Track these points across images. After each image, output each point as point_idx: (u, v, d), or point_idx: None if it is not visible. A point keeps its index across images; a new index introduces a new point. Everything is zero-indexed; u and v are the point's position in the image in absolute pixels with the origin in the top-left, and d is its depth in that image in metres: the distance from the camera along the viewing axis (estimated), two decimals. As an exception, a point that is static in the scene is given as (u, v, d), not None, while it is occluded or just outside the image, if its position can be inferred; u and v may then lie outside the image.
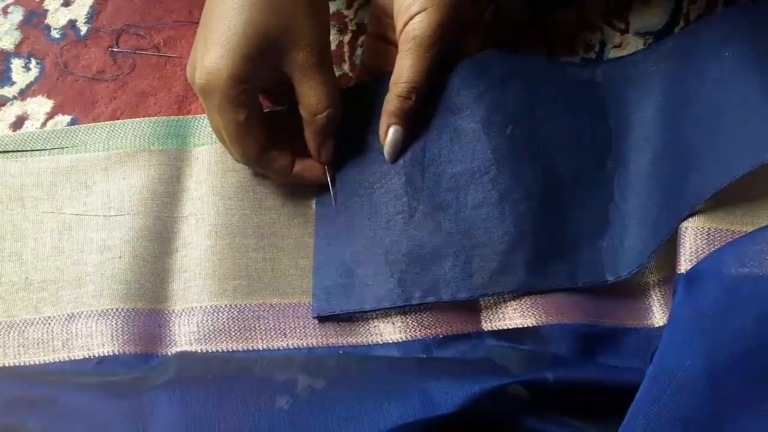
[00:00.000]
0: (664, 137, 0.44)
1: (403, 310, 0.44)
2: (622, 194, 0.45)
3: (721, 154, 0.39)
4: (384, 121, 0.45)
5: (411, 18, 0.43)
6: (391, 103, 0.45)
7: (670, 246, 0.42)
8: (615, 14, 0.55)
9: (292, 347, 0.44)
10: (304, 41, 0.43)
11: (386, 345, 0.44)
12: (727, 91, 0.41)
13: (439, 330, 0.43)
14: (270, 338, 0.44)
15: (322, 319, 0.45)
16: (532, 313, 0.43)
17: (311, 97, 0.44)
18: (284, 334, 0.45)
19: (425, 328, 0.43)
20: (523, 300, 0.43)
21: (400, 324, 0.44)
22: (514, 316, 0.44)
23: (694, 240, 0.39)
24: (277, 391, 0.41)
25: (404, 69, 0.44)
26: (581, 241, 0.45)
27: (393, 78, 0.44)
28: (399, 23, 0.44)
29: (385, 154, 0.46)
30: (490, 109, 0.45)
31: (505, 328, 0.44)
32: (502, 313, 0.44)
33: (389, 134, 0.45)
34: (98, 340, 0.44)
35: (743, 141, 0.39)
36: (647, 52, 0.50)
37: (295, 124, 0.46)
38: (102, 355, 0.43)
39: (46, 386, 0.42)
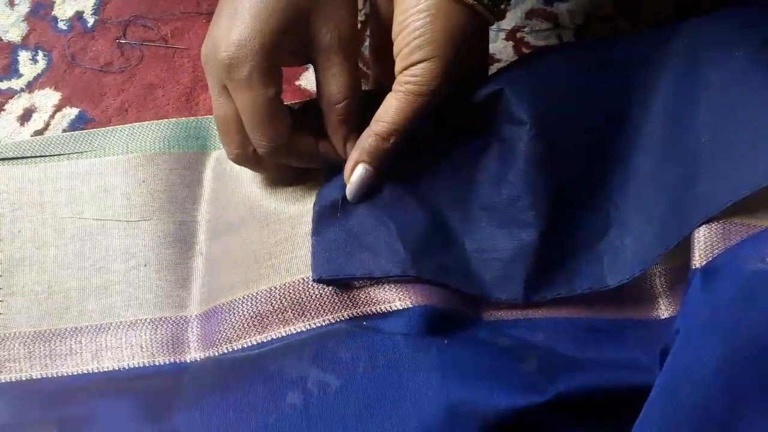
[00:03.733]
0: (668, 138, 0.43)
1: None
2: (622, 193, 0.44)
3: (736, 162, 0.38)
4: (354, 156, 0.42)
5: (409, 65, 0.40)
6: (366, 139, 0.42)
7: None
8: (627, 4, 0.54)
9: (313, 327, 0.42)
10: (332, 22, 0.40)
11: (397, 312, 0.42)
12: (740, 95, 0.40)
13: (445, 303, 0.42)
14: (288, 321, 0.43)
15: (323, 283, 0.42)
16: (534, 307, 0.43)
17: (332, 85, 0.42)
18: (303, 313, 0.43)
19: (432, 297, 0.42)
20: None
21: (411, 289, 0.42)
22: (515, 308, 0.43)
23: (709, 234, 0.38)
24: (288, 388, 0.41)
25: (390, 109, 0.41)
26: (581, 245, 0.43)
27: (377, 114, 0.42)
28: (397, 64, 0.41)
29: (347, 193, 0.43)
30: (504, 120, 0.44)
31: (508, 319, 0.43)
32: (503, 304, 0.43)
33: (356, 172, 0.42)
34: (128, 352, 0.44)
35: (761, 150, 0.38)
36: (651, 39, 0.47)
37: (310, 122, 0.44)
38: (132, 366, 0.43)
39: (72, 404, 0.42)
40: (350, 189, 0.42)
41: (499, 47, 0.54)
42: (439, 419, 0.37)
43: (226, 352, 0.44)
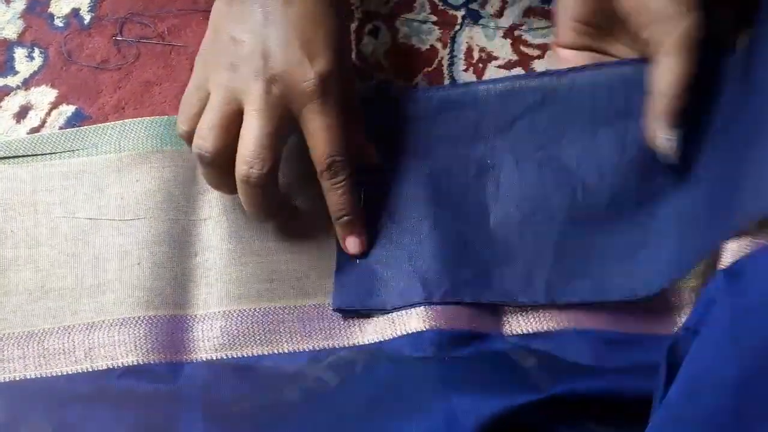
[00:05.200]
0: (718, 155, 0.43)
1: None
2: (668, 211, 0.45)
3: (760, 180, 0.38)
4: (655, 128, 0.44)
5: (674, 25, 0.43)
6: (665, 104, 0.43)
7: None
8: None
9: (318, 348, 0.44)
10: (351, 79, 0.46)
11: (410, 335, 0.43)
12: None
13: (462, 324, 0.43)
14: (295, 341, 0.45)
15: (343, 313, 0.45)
16: (556, 319, 0.44)
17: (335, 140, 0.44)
18: (309, 335, 0.45)
19: (448, 319, 0.43)
20: (548, 307, 0.44)
21: (423, 314, 0.43)
22: (537, 321, 0.44)
23: (738, 244, 0.38)
24: (286, 383, 0.41)
25: (672, 71, 0.43)
26: (614, 257, 0.45)
27: (658, 83, 0.43)
28: (655, 27, 0.43)
29: (671, 160, 0.44)
30: (518, 138, 0.47)
31: (527, 332, 0.44)
32: (524, 318, 0.44)
33: (663, 141, 0.44)
34: (121, 350, 0.43)
35: None
36: (711, 61, 0.47)
37: None
38: (126, 365, 0.43)
39: (69, 410, 0.42)
40: (666, 157, 0.44)
41: (497, 45, 0.54)
42: (438, 422, 0.37)
43: (225, 357, 0.44)
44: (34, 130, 0.53)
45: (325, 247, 0.47)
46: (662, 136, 0.44)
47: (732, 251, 0.37)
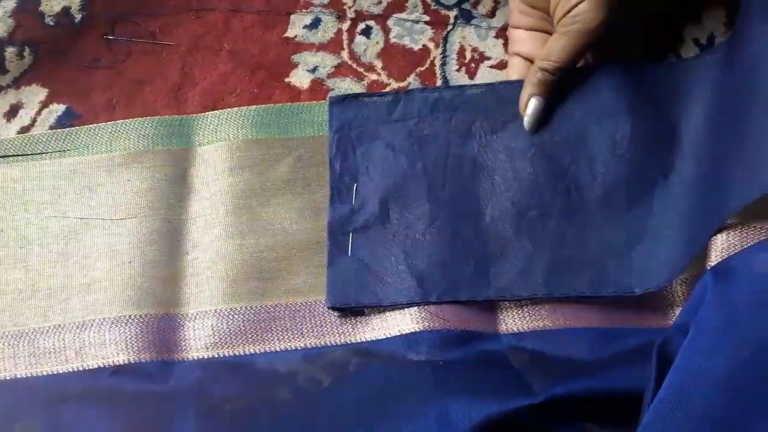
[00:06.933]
0: (708, 148, 0.43)
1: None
2: (663, 204, 0.45)
3: (749, 167, 0.38)
4: (527, 91, 0.46)
5: (572, 7, 0.44)
6: (536, 74, 0.46)
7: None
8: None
9: (310, 346, 0.44)
10: None
11: (404, 336, 0.43)
12: (757, 102, 0.40)
13: (456, 324, 0.43)
14: (287, 338, 0.44)
15: (337, 311, 0.45)
16: (551, 317, 0.44)
17: None
18: (301, 333, 0.45)
19: (443, 320, 0.43)
20: (542, 304, 0.44)
21: (417, 315, 0.44)
22: (532, 319, 0.44)
23: (727, 238, 0.38)
24: (279, 384, 0.41)
25: (557, 48, 0.45)
26: (610, 252, 0.45)
27: (544, 53, 0.46)
28: (559, 10, 0.45)
29: (525, 125, 0.47)
30: (511, 137, 0.47)
31: (522, 330, 0.44)
32: (520, 316, 0.45)
33: (531, 104, 0.46)
34: (112, 349, 0.43)
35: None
36: (700, 58, 0.48)
37: None
38: (117, 364, 0.43)
39: (61, 408, 0.42)
40: (527, 121, 0.47)
41: (489, 45, 0.54)
42: (432, 426, 0.37)
43: (217, 356, 0.44)
44: (25, 129, 0.52)
45: (317, 244, 0.47)
46: (530, 101, 0.46)
47: (720, 246, 0.38)
